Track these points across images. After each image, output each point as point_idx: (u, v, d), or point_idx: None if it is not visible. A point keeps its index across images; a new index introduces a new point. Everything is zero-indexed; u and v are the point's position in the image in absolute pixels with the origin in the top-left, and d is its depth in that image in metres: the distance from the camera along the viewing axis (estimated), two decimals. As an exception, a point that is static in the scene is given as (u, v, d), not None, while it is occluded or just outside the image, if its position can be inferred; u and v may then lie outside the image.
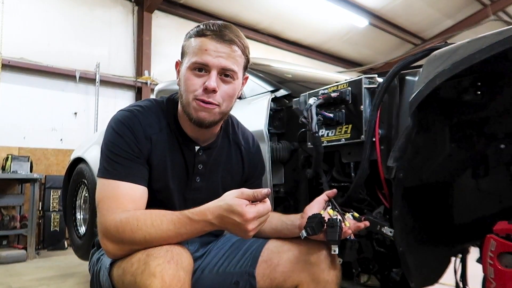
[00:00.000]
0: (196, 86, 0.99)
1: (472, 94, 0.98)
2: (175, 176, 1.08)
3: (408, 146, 1.02)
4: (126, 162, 0.98)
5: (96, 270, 1.06)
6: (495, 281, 0.90)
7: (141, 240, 0.89)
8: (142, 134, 1.01)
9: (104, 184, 0.97)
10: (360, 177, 1.16)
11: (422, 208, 1.18)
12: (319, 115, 1.26)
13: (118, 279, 0.92)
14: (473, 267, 1.25)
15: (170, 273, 0.82)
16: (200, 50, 0.98)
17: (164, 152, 1.05)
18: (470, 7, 7.30)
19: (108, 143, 1.00)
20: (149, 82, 5.35)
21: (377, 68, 7.03)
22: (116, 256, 0.94)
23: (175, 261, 0.84)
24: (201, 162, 1.11)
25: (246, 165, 1.22)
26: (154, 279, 0.81)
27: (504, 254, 0.90)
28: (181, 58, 1.06)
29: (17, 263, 3.43)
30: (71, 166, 2.93)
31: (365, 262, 1.31)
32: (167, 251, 0.86)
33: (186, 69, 1.01)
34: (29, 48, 4.44)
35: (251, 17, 6.52)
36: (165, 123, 1.07)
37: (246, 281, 1.06)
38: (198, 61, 0.98)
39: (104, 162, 0.98)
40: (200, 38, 1.00)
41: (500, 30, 0.81)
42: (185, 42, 1.05)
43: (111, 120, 1.04)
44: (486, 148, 1.10)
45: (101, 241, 0.94)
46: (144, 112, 1.04)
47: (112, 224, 0.91)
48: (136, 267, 0.86)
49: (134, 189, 0.97)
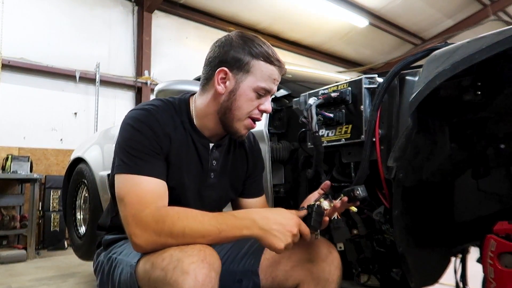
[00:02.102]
0: (254, 107, 1.06)
1: (472, 94, 0.98)
2: (190, 173, 1.09)
3: (408, 146, 1.02)
4: (148, 158, 0.98)
5: (109, 269, 1.04)
6: (495, 281, 0.90)
7: (179, 232, 0.88)
8: (161, 131, 1.02)
9: (127, 179, 0.97)
10: (360, 177, 1.16)
11: (422, 208, 1.18)
12: (319, 115, 1.26)
13: (144, 275, 0.90)
14: (473, 267, 1.25)
15: (203, 272, 0.82)
16: (269, 78, 1.05)
17: (180, 149, 1.06)
18: (470, 7, 7.30)
19: (127, 140, 1.00)
20: (149, 82, 5.35)
21: (377, 68, 7.04)
22: (146, 249, 0.92)
23: (208, 261, 0.84)
24: (214, 158, 1.14)
25: (250, 161, 1.25)
26: (187, 277, 0.80)
27: (504, 254, 0.90)
28: (236, 69, 1.04)
29: (17, 263, 3.43)
30: (71, 166, 2.94)
31: (365, 262, 1.31)
32: (200, 251, 0.86)
33: (249, 89, 1.04)
34: (29, 48, 4.45)
35: (251, 17, 6.52)
36: (179, 122, 1.08)
37: (250, 279, 1.08)
38: (266, 88, 1.05)
39: (125, 158, 0.98)
40: (269, 66, 1.05)
41: (500, 30, 0.81)
42: (245, 58, 1.03)
43: (127, 119, 1.04)
44: (486, 148, 1.10)
45: (132, 233, 0.92)
46: (159, 111, 1.05)
47: (150, 215, 0.91)
48: (167, 262, 0.84)
49: (158, 184, 0.98)
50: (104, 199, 2.43)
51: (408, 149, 1.02)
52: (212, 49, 1.08)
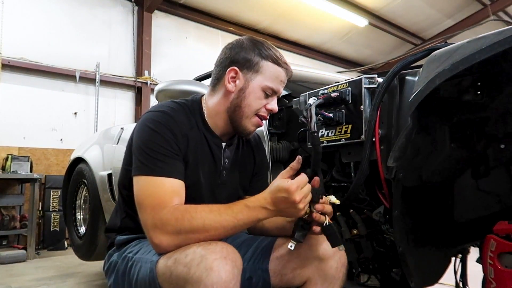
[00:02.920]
0: (262, 105, 1.12)
1: (472, 94, 0.98)
2: (205, 172, 1.12)
3: (408, 146, 1.02)
4: (167, 159, 1.00)
5: (125, 268, 1.05)
6: (495, 281, 0.90)
7: (199, 226, 0.90)
8: (179, 132, 1.05)
9: (147, 181, 0.99)
10: (360, 177, 1.16)
11: (422, 208, 1.18)
12: (319, 115, 1.26)
13: (166, 270, 0.91)
14: (473, 267, 1.25)
15: (227, 269, 0.84)
16: (277, 79, 1.11)
17: (196, 148, 1.10)
18: (470, 7, 7.30)
19: (147, 141, 1.02)
20: (149, 82, 5.35)
21: (377, 68, 7.03)
22: (169, 249, 0.93)
23: (231, 258, 0.86)
24: (226, 157, 1.18)
25: (256, 159, 1.30)
26: (211, 273, 0.82)
27: (504, 254, 0.90)
28: (244, 69, 1.10)
29: (17, 263, 3.43)
30: (71, 166, 2.94)
31: (365, 262, 1.31)
32: (223, 248, 0.87)
33: (258, 88, 1.10)
34: (29, 48, 4.45)
35: (251, 17, 6.52)
36: (194, 122, 1.12)
37: (260, 276, 1.09)
38: (273, 88, 1.11)
39: (144, 160, 1.00)
40: (277, 67, 1.11)
41: (500, 30, 0.81)
42: (255, 59, 1.10)
43: (145, 121, 1.06)
44: (486, 148, 1.10)
45: (153, 236, 0.94)
46: (176, 112, 1.08)
47: (168, 215, 0.93)
48: (191, 258, 0.86)
49: (178, 185, 1.00)
50: (104, 199, 2.43)
51: (408, 149, 1.02)
52: (223, 51, 1.14)
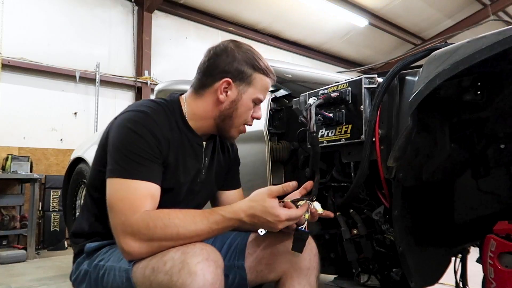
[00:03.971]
0: (250, 115, 1.15)
1: (472, 94, 0.98)
2: (187, 172, 1.11)
3: (408, 146, 1.02)
4: (146, 162, 0.97)
5: (97, 277, 1.01)
6: (495, 281, 0.90)
7: (173, 235, 0.88)
8: (161, 134, 1.02)
9: (121, 184, 0.95)
10: (360, 177, 1.16)
11: (422, 208, 1.18)
12: (319, 115, 1.26)
13: (144, 280, 0.88)
14: (473, 267, 1.25)
15: (211, 270, 0.82)
16: (265, 90, 1.14)
17: (178, 150, 1.07)
18: (470, 7, 7.30)
19: (126, 143, 0.98)
20: (149, 82, 5.35)
21: (377, 68, 7.02)
22: (140, 256, 0.90)
23: (212, 259, 0.85)
24: (206, 155, 1.18)
25: (231, 157, 1.31)
26: (196, 277, 0.80)
27: (504, 254, 0.90)
28: (238, 80, 1.10)
29: (17, 263, 3.43)
30: (71, 166, 2.93)
31: (365, 262, 1.31)
32: (202, 249, 0.85)
33: (250, 100, 1.12)
34: (29, 48, 4.44)
35: (251, 17, 6.52)
36: (174, 122, 1.09)
37: (236, 273, 1.09)
38: (261, 99, 1.14)
39: (121, 162, 0.96)
40: (266, 79, 1.13)
41: (500, 30, 0.81)
42: (250, 71, 1.10)
43: (124, 121, 1.02)
44: (486, 148, 1.10)
45: (122, 241, 0.90)
46: (156, 113, 1.05)
47: (140, 221, 0.89)
48: (171, 265, 0.83)
49: (153, 189, 0.97)
50: (104, 199, 2.43)
51: (408, 149, 1.02)
52: (209, 57, 1.11)
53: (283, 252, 1.10)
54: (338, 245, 1.39)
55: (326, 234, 1.42)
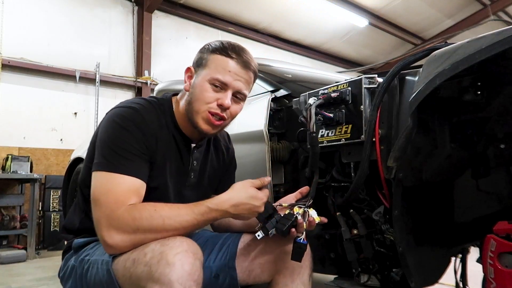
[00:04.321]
0: (211, 100, 1.05)
1: (472, 94, 0.98)
2: (172, 173, 1.10)
3: (408, 146, 1.02)
4: (133, 157, 0.98)
5: (80, 273, 1.02)
6: (495, 281, 0.90)
7: (158, 226, 0.89)
8: (148, 131, 1.02)
9: (107, 177, 0.95)
10: (360, 177, 1.16)
11: (422, 208, 1.18)
12: (319, 115, 1.26)
13: (125, 272, 0.89)
14: (473, 267, 1.25)
15: (189, 261, 0.83)
16: (223, 69, 1.05)
17: (164, 149, 1.07)
18: (470, 7, 7.30)
19: (113, 137, 0.98)
20: (149, 82, 5.35)
21: (377, 68, 7.03)
22: (123, 249, 0.91)
23: (191, 251, 0.86)
24: (195, 159, 1.16)
25: (226, 160, 1.30)
26: (174, 268, 0.81)
27: (504, 254, 0.90)
28: (197, 67, 1.10)
29: (17, 263, 3.43)
30: (71, 166, 2.94)
31: (365, 262, 1.31)
32: (182, 242, 0.87)
33: (204, 81, 1.06)
34: (29, 48, 4.44)
35: (251, 17, 6.52)
36: (164, 122, 1.09)
37: (226, 273, 1.09)
38: (219, 78, 1.04)
39: (108, 156, 0.96)
40: (224, 58, 1.06)
41: (500, 30, 0.81)
42: (205, 54, 1.08)
43: (113, 116, 1.02)
44: (486, 148, 1.10)
45: (106, 235, 0.91)
46: (146, 110, 1.05)
47: (126, 213, 0.90)
48: (150, 257, 0.84)
49: (138, 185, 0.97)
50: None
51: (408, 149, 1.02)
52: None
53: (276, 252, 1.10)
54: (338, 245, 1.39)
55: (326, 234, 1.42)
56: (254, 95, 1.83)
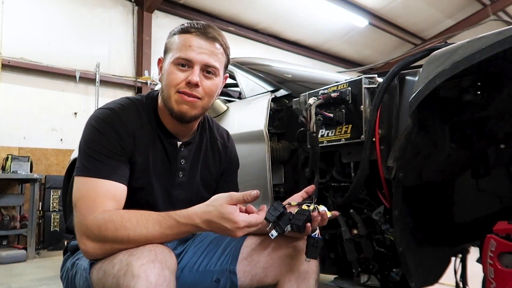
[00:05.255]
0: (179, 80, 1.01)
1: (472, 94, 0.98)
2: (157, 173, 1.07)
3: (408, 146, 1.02)
4: (108, 160, 0.96)
5: (71, 276, 1.02)
6: (495, 281, 0.90)
7: (123, 239, 0.86)
8: (125, 131, 1.00)
9: (83, 182, 0.94)
10: (360, 177, 1.16)
11: (422, 208, 1.18)
12: (319, 115, 1.26)
13: (98, 282, 0.87)
14: (473, 267, 1.25)
15: (155, 272, 0.80)
16: (184, 46, 1.01)
17: (147, 148, 1.04)
18: (470, 7, 7.30)
19: (88, 141, 0.98)
20: (149, 82, 5.35)
21: (377, 68, 7.03)
22: (96, 256, 0.90)
23: (159, 260, 0.82)
24: (183, 157, 1.12)
25: (223, 159, 1.24)
26: (139, 280, 0.78)
27: (504, 254, 0.90)
28: (164, 55, 1.08)
29: (17, 263, 3.43)
30: (71, 166, 2.93)
31: (365, 262, 1.31)
32: (150, 251, 0.83)
33: (169, 64, 1.03)
34: (29, 48, 4.45)
35: (251, 17, 6.52)
36: (146, 119, 1.06)
37: (227, 278, 1.06)
38: (182, 56, 1.01)
39: (84, 160, 0.96)
40: (184, 35, 1.02)
41: (500, 30, 0.81)
42: (168, 39, 1.07)
43: (91, 119, 1.02)
44: (486, 148, 1.10)
45: (80, 241, 0.91)
46: (125, 109, 1.04)
47: (94, 222, 0.88)
48: (118, 269, 0.82)
49: (116, 188, 0.95)
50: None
51: (408, 149, 1.02)
52: None
53: (280, 255, 1.07)
54: (338, 245, 1.39)
55: (326, 234, 1.42)
56: (254, 95, 1.83)
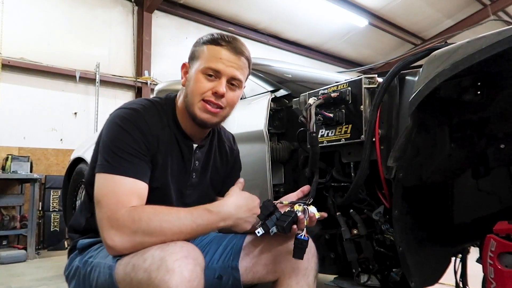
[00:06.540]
0: (206, 89, 1.06)
1: (472, 94, 0.98)
2: (174, 173, 1.10)
3: (408, 146, 1.02)
4: (133, 159, 0.98)
5: (85, 273, 1.02)
6: (495, 281, 0.90)
7: (156, 228, 0.89)
8: (149, 132, 1.03)
9: (109, 179, 0.96)
10: (360, 177, 1.16)
11: (422, 208, 1.18)
12: (319, 115, 1.26)
13: (125, 277, 0.89)
14: (473, 267, 1.25)
15: (189, 268, 0.82)
16: (214, 58, 1.06)
17: (167, 149, 1.08)
18: (470, 7, 7.30)
19: (114, 139, 1.00)
20: (149, 82, 5.35)
21: (377, 68, 7.03)
22: (122, 251, 0.91)
23: (192, 257, 0.85)
24: (197, 159, 1.16)
25: (230, 161, 1.29)
26: (173, 275, 0.80)
27: (504, 254, 0.90)
28: (190, 61, 1.12)
29: (17, 263, 3.43)
30: (71, 166, 2.94)
31: (365, 262, 1.31)
32: (182, 247, 0.86)
33: (197, 72, 1.07)
34: (29, 48, 4.44)
35: (251, 17, 6.52)
36: (166, 122, 1.10)
37: (229, 274, 1.09)
38: (211, 67, 1.05)
39: (109, 158, 0.98)
40: (215, 47, 1.08)
41: (500, 30, 0.81)
42: (197, 48, 1.11)
43: (115, 118, 1.04)
44: (486, 148, 1.10)
45: (106, 236, 0.91)
46: (147, 111, 1.06)
47: (126, 214, 0.91)
48: (150, 263, 0.84)
49: (139, 186, 0.98)
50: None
51: (408, 149, 1.02)
52: None
53: (281, 252, 1.10)
54: (338, 245, 1.39)
55: (326, 234, 1.42)
56: (254, 95, 1.83)
